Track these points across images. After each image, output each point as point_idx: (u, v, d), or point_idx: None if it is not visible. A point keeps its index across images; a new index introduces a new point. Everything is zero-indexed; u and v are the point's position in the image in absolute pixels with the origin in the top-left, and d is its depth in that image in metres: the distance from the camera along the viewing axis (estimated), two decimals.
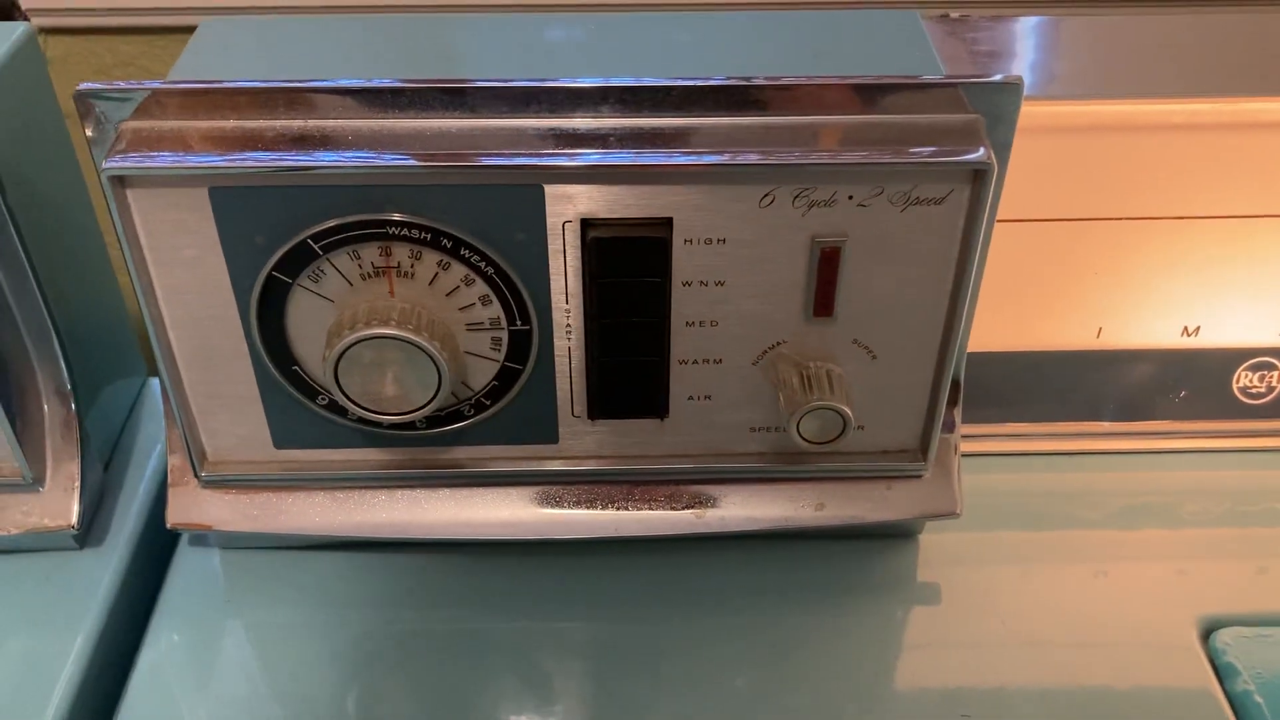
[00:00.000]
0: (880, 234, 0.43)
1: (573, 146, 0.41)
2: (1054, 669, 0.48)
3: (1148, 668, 0.49)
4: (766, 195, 0.42)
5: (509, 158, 0.41)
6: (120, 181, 0.41)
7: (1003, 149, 0.42)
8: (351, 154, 0.40)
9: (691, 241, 0.43)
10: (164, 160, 0.40)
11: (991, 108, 0.41)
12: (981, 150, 0.41)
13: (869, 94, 0.41)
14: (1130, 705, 0.47)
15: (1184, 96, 0.48)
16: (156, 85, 0.41)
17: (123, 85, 0.40)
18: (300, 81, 0.41)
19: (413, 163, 0.40)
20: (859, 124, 0.41)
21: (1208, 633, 0.50)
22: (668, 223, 0.42)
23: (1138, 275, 0.53)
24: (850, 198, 0.42)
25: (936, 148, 0.41)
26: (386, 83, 0.41)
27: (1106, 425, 0.57)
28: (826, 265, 0.43)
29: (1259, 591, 0.52)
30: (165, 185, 0.41)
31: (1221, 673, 0.48)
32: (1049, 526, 0.55)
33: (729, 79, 0.41)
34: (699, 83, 0.41)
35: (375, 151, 0.41)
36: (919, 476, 0.51)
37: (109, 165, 0.40)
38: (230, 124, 0.41)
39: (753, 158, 0.41)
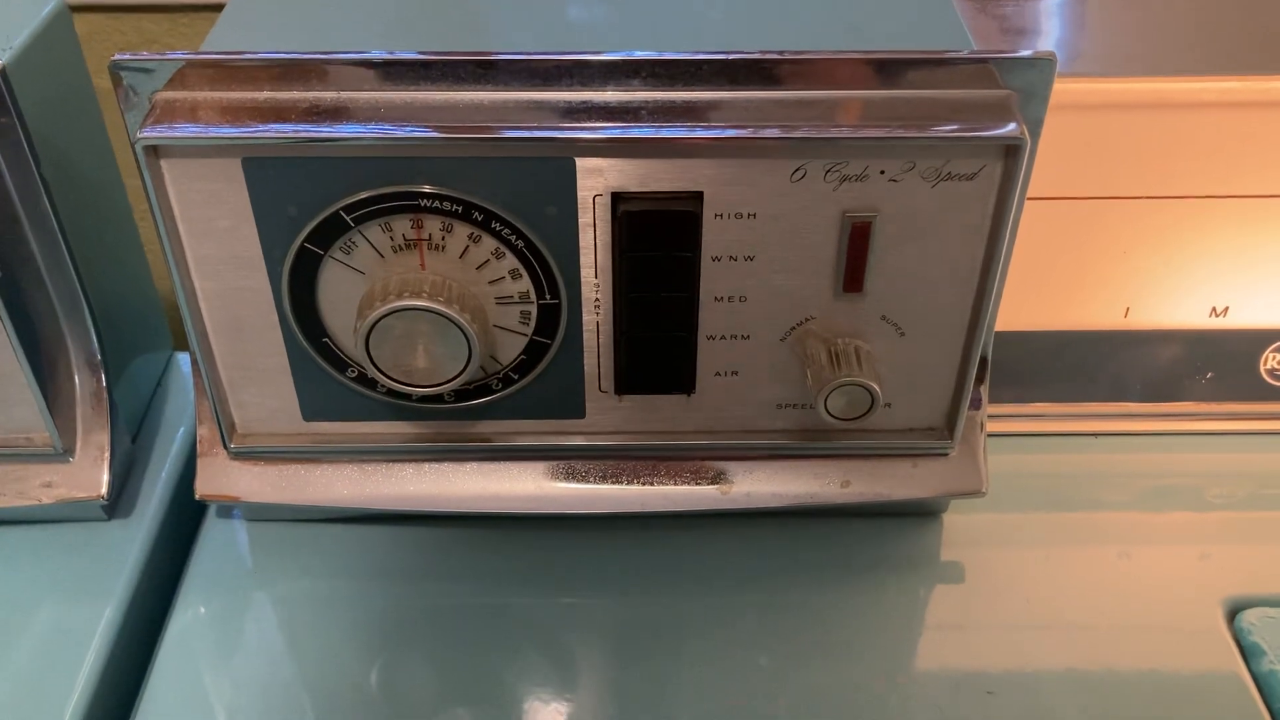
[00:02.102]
0: (911, 209, 0.43)
1: (603, 120, 0.41)
2: (1077, 650, 0.48)
3: (1173, 648, 0.48)
4: (798, 169, 0.42)
5: (539, 130, 0.41)
6: (154, 151, 0.41)
7: (1035, 125, 0.42)
8: (381, 126, 0.40)
9: (722, 216, 0.43)
10: (196, 130, 0.40)
11: (1024, 84, 0.41)
12: (1014, 126, 0.41)
13: (901, 69, 0.41)
14: (1155, 685, 0.47)
15: (1215, 74, 0.48)
16: (189, 56, 0.41)
17: (156, 56, 0.40)
18: (331, 54, 0.41)
19: (442, 135, 0.40)
20: (891, 99, 0.41)
21: (1233, 614, 0.50)
22: (698, 197, 0.42)
23: (1167, 255, 0.52)
24: (882, 173, 0.42)
25: (969, 123, 0.41)
26: (416, 55, 0.40)
27: (1132, 406, 0.57)
28: (857, 240, 0.43)
29: None
30: (198, 155, 0.41)
31: (1247, 653, 0.48)
32: (1072, 508, 0.55)
33: (761, 53, 0.41)
34: (730, 57, 0.40)
35: (405, 124, 0.40)
36: (945, 454, 0.50)
37: (143, 135, 0.40)
38: (262, 95, 0.41)
39: (785, 132, 0.40)
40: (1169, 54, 0.51)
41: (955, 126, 0.41)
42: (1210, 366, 0.55)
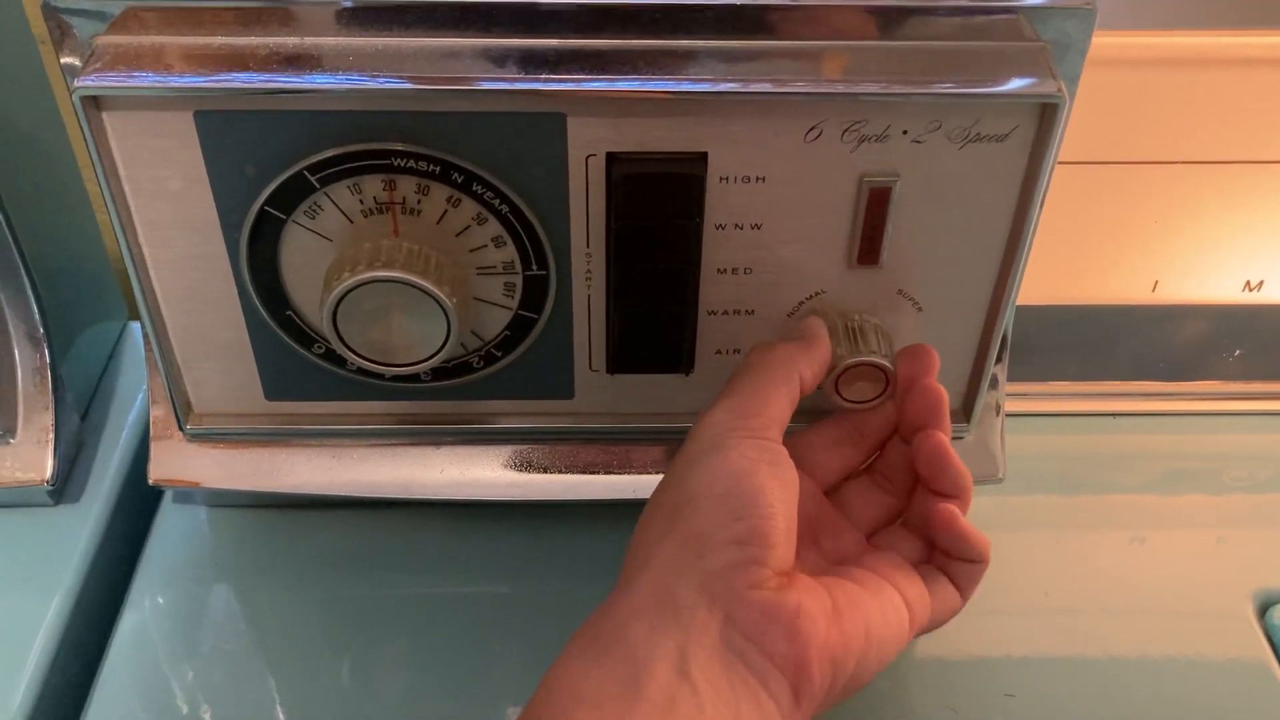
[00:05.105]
0: (935, 174, 0.40)
1: (597, 71, 0.38)
2: (1098, 643, 0.47)
3: (1201, 644, 0.47)
4: (813, 129, 0.39)
5: (525, 82, 0.38)
6: (95, 103, 0.38)
7: (1071, 81, 0.39)
8: (350, 76, 0.37)
9: (728, 179, 0.40)
10: (143, 80, 0.37)
11: (1060, 35, 0.38)
12: (1051, 82, 0.38)
13: (926, 18, 0.38)
14: (1183, 687, 0.45)
15: (1259, 28, 0.45)
16: None
17: None
18: None
19: (418, 86, 0.37)
20: (915, 51, 0.38)
21: (1264, 608, 0.48)
22: (702, 158, 0.40)
23: (1200, 224, 0.50)
24: (905, 133, 0.39)
25: (1002, 79, 0.38)
26: None
27: (1154, 385, 0.55)
28: (875, 207, 0.40)
29: None
30: (145, 108, 0.38)
31: None
32: (1088, 491, 0.53)
33: None
34: (740, 2, 0.37)
35: (377, 74, 0.37)
36: (960, 438, 0.48)
37: (81, 84, 0.37)
38: (218, 41, 0.38)
39: (799, 86, 0.38)
40: (1209, 5, 0.48)
41: (987, 82, 0.38)
42: (1240, 343, 0.54)
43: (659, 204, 0.40)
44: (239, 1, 0.37)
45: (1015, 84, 0.38)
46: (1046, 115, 0.39)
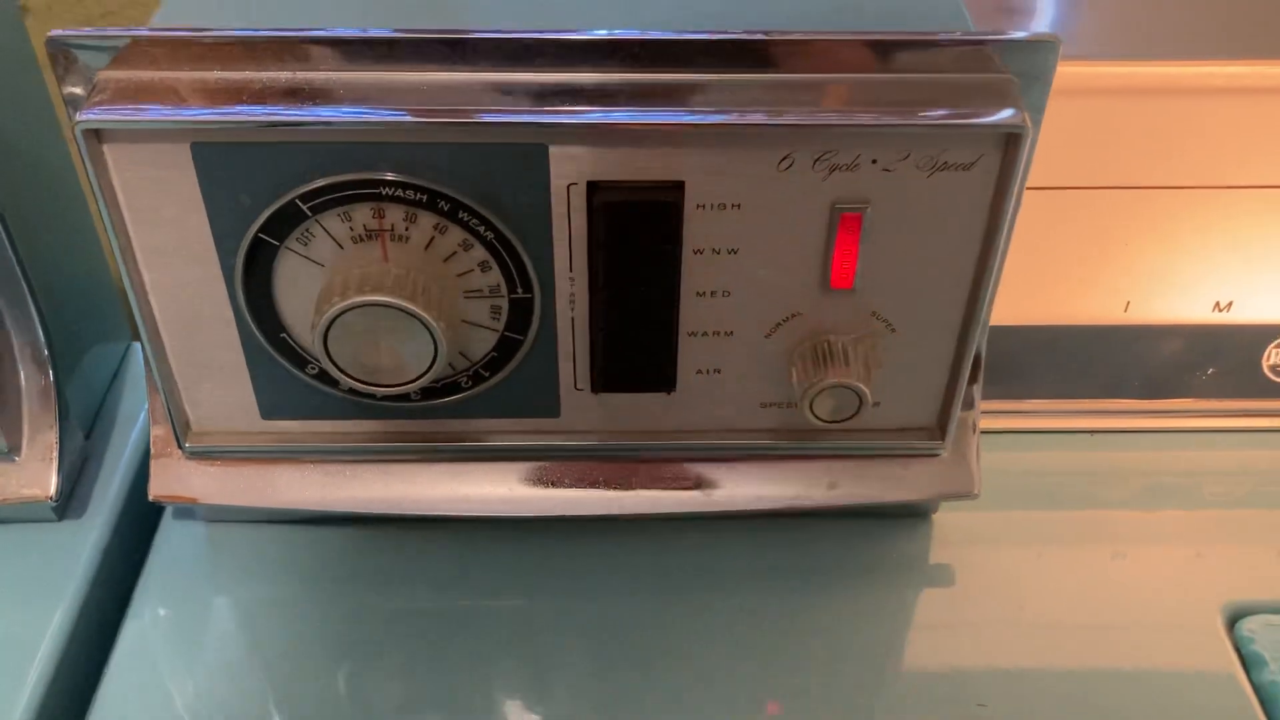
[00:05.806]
0: (905, 201, 0.41)
1: (579, 104, 0.39)
2: (1073, 660, 0.47)
3: (1171, 657, 0.47)
4: (785, 158, 0.40)
5: (511, 114, 0.38)
6: (96, 136, 0.39)
7: (1036, 111, 0.40)
8: (344, 109, 0.38)
9: (704, 207, 0.41)
10: (142, 113, 0.38)
11: (1025, 67, 0.39)
12: (1015, 112, 0.39)
13: (894, 50, 0.39)
14: (1153, 697, 0.46)
15: (1222, 58, 0.46)
16: (136, 33, 0.38)
17: (99, 32, 0.38)
18: (290, 30, 0.38)
19: (409, 118, 0.38)
20: (884, 82, 0.39)
21: (1233, 619, 0.48)
22: (679, 186, 0.40)
23: (1169, 247, 0.50)
24: (874, 162, 0.40)
25: (967, 109, 0.39)
26: (382, 33, 0.38)
27: (1129, 403, 0.55)
28: (847, 233, 0.41)
29: None
30: (144, 140, 0.39)
31: (1248, 662, 0.47)
32: (1066, 506, 0.53)
33: (746, 33, 0.38)
34: (714, 37, 0.38)
35: (369, 106, 0.38)
36: (936, 455, 0.48)
37: (83, 118, 0.38)
38: (214, 75, 0.39)
39: (771, 117, 0.38)
40: (1175, 36, 0.49)
41: (952, 113, 0.39)
42: (1211, 362, 0.54)
43: (639, 230, 0.41)
44: (236, 36, 0.38)
45: (981, 115, 0.39)
46: (1011, 144, 0.39)
